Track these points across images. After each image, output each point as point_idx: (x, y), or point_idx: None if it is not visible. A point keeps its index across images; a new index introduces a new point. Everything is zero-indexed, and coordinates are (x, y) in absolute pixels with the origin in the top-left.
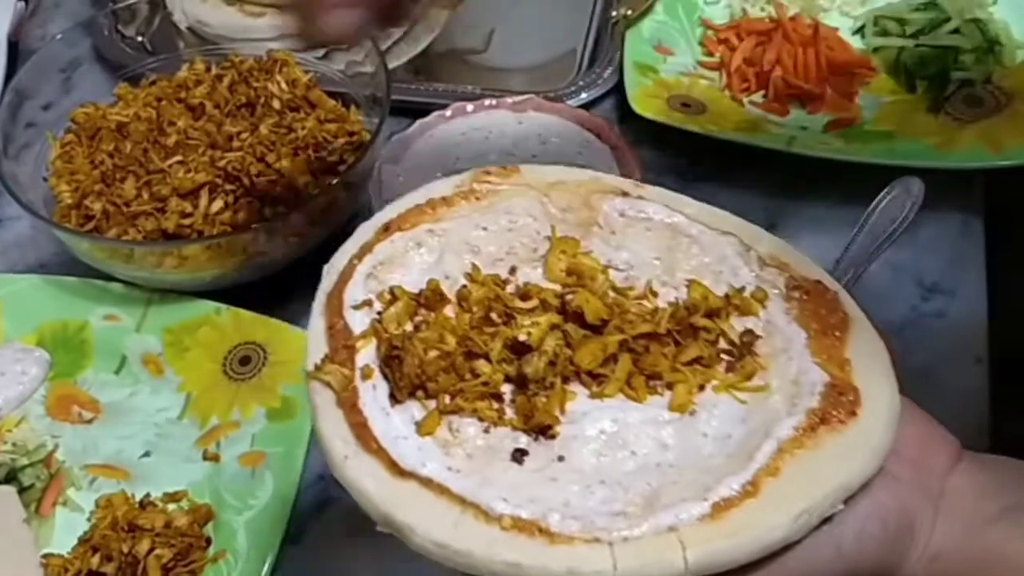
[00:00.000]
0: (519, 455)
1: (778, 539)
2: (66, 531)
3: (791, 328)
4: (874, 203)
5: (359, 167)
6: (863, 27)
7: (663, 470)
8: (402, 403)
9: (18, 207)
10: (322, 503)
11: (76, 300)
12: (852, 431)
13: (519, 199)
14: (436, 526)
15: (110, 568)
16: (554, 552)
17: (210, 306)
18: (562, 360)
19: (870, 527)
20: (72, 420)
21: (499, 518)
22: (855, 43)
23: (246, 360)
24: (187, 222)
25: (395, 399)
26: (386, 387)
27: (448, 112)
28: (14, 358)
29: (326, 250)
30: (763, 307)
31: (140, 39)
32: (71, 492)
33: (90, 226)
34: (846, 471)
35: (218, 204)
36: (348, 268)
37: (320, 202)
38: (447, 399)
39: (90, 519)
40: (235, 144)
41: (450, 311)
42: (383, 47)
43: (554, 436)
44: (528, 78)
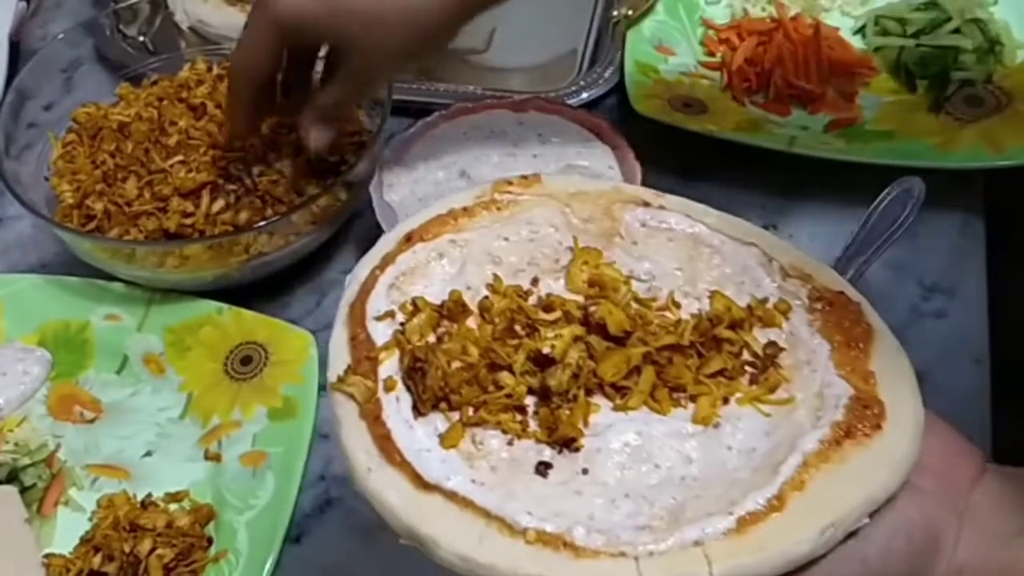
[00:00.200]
0: (543, 468)
1: (804, 554)
2: (68, 531)
3: (814, 340)
4: (875, 203)
5: (360, 167)
6: (864, 27)
7: (688, 484)
8: (425, 415)
9: (20, 207)
10: (323, 503)
11: (77, 300)
12: (877, 444)
13: (540, 209)
14: (461, 540)
15: (112, 568)
16: (579, 566)
17: (211, 306)
18: (585, 372)
19: (896, 541)
20: (74, 420)
21: (524, 532)
22: (856, 43)
23: (247, 360)
24: (188, 222)
25: (418, 411)
26: (409, 399)
27: (449, 112)
28: (16, 358)
29: (328, 250)
30: (786, 319)
31: (142, 39)
32: (73, 492)
33: (92, 226)
34: (872, 485)
35: (219, 204)
36: (370, 279)
37: (321, 202)
38: (470, 411)
39: (92, 519)
40: (236, 144)
41: (472, 322)
42: None
43: (578, 449)
44: (529, 78)
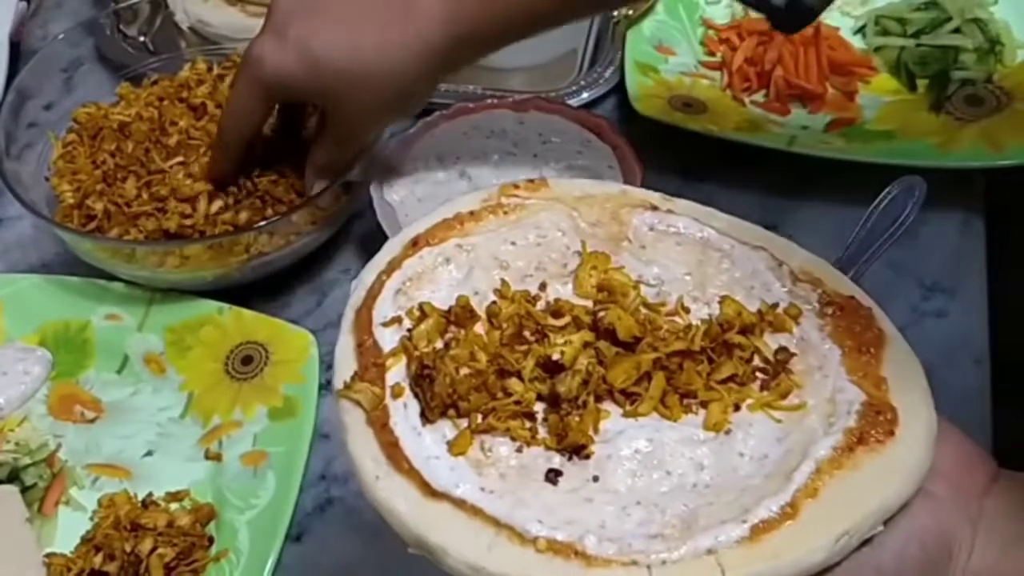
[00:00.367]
0: (553, 475)
1: (818, 562)
2: (69, 530)
3: (825, 345)
4: (875, 203)
5: (360, 167)
6: (864, 27)
7: (699, 491)
8: (433, 422)
9: (20, 207)
10: (324, 502)
11: (78, 300)
12: (890, 451)
13: (547, 213)
14: (470, 548)
15: (113, 567)
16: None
17: (212, 305)
18: (595, 378)
19: (910, 549)
20: (74, 419)
21: (534, 540)
22: (856, 43)
23: (248, 359)
24: (188, 222)
25: (426, 418)
26: (417, 406)
27: (450, 111)
28: (16, 358)
29: (328, 250)
30: (796, 324)
31: (142, 39)
32: (73, 491)
33: (92, 226)
34: (886, 492)
35: (219, 204)
36: (376, 284)
37: (322, 202)
38: (479, 418)
39: (92, 518)
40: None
41: (480, 328)
42: None
43: (588, 456)
44: (529, 78)
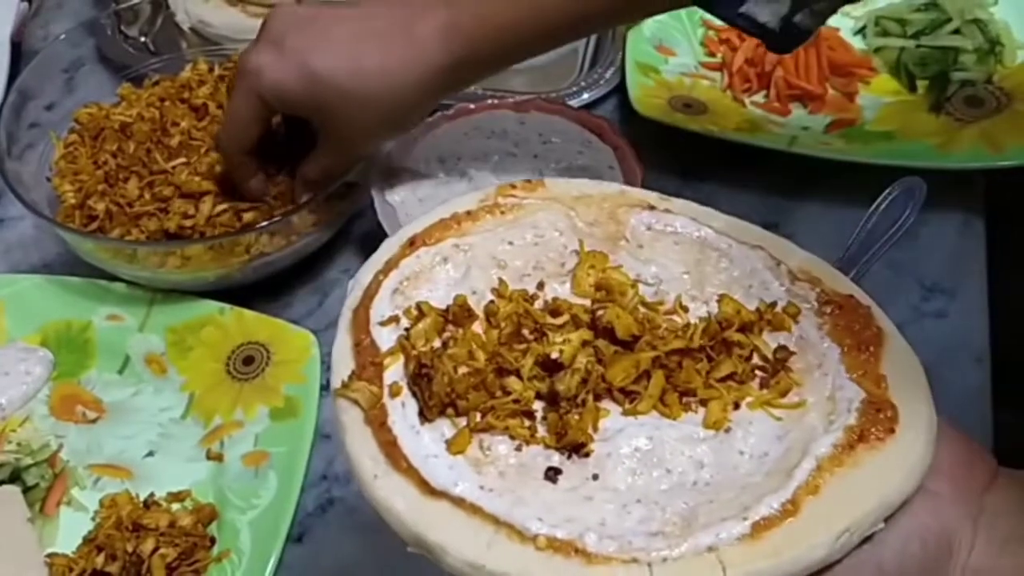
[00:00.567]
0: (552, 474)
1: (819, 559)
2: (70, 531)
3: (824, 344)
4: (875, 203)
5: (362, 167)
6: (864, 27)
7: (700, 489)
8: (432, 421)
9: (22, 207)
10: (325, 503)
11: (79, 300)
12: (891, 448)
13: (545, 213)
14: (469, 546)
15: (114, 567)
16: (591, 573)
17: (213, 306)
18: (594, 377)
19: (911, 546)
20: (76, 420)
21: (534, 538)
22: (856, 43)
23: (249, 360)
24: (190, 223)
25: (424, 417)
26: (415, 404)
27: (450, 112)
28: (18, 358)
29: (329, 250)
30: (795, 322)
31: (143, 39)
32: (75, 492)
33: (93, 226)
34: (886, 489)
35: (221, 205)
36: (374, 283)
37: (323, 203)
38: (478, 417)
39: (94, 519)
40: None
41: (478, 327)
42: None
43: (588, 454)
44: (530, 78)
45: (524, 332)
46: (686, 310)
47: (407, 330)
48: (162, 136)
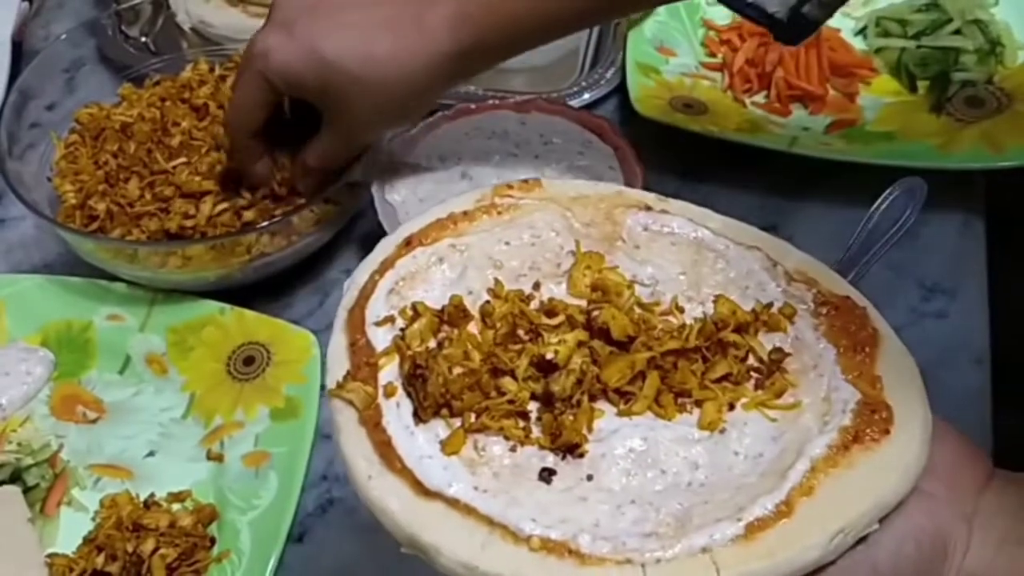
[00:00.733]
0: (547, 474)
1: (813, 560)
2: (71, 531)
3: (820, 344)
4: (876, 204)
5: (362, 168)
6: (865, 28)
7: (694, 490)
8: (426, 421)
9: (23, 207)
10: (326, 503)
11: (80, 300)
12: (885, 449)
13: (541, 213)
14: (463, 547)
15: (114, 568)
16: (585, 574)
17: (214, 306)
18: (589, 377)
19: (906, 548)
20: (76, 420)
21: (528, 539)
22: (857, 44)
23: (250, 360)
24: (190, 223)
25: (419, 417)
26: (410, 405)
27: (451, 112)
28: (19, 358)
29: (330, 251)
30: (791, 323)
31: (144, 39)
32: (75, 492)
33: (94, 226)
34: (881, 490)
35: (221, 205)
36: (369, 283)
37: (323, 203)
38: (472, 417)
39: (95, 519)
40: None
41: (474, 327)
42: None
43: (582, 455)
44: (531, 79)
45: (520, 333)
46: (682, 311)
47: (402, 330)
48: (163, 136)
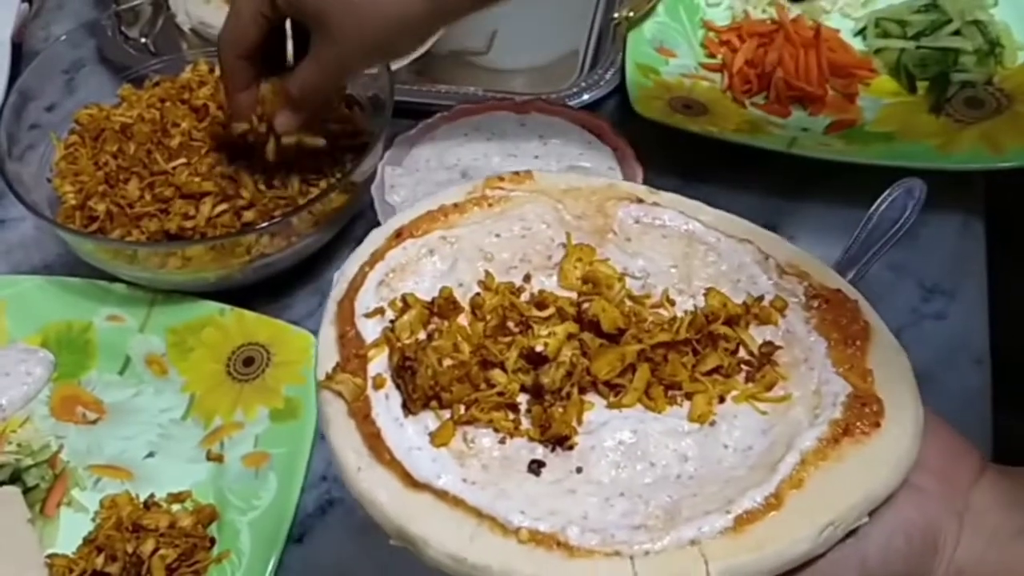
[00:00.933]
0: (536, 466)
1: (802, 553)
2: (70, 531)
3: (811, 337)
4: (875, 204)
5: (362, 168)
6: (864, 29)
7: (683, 482)
8: (416, 413)
9: (22, 208)
10: (325, 503)
11: (80, 301)
12: (876, 443)
13: (532, 206)
14: (451, 539)
15: (114, 568)
16: (573, 566)
17: (214, 307)
18: (579, 370)
19: (895, 541)
20: (76, 421)
21: (516, 531)
22: (856, 45)
23: (250, 361)
24: (190, 224)
25: (408, 409)
26: (399, 397)
27: (451, 113)
28: (18, 359)
29: (329, 251)
30: (782, 316)
31: (143, 40)
32: (75, 492)
33: (94, 227)
34: (871, 483)
35: (221, 205)
36: (359, 275)
37: (323, 204)
38: (462, 409)
39: (94, 519)
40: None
41: (464, 320)
42: None
43: (572, 447)
44: (530, 79)
45: (510, 325)
46: (673, 303)
47: (392, 322)
48: (162, 137)
